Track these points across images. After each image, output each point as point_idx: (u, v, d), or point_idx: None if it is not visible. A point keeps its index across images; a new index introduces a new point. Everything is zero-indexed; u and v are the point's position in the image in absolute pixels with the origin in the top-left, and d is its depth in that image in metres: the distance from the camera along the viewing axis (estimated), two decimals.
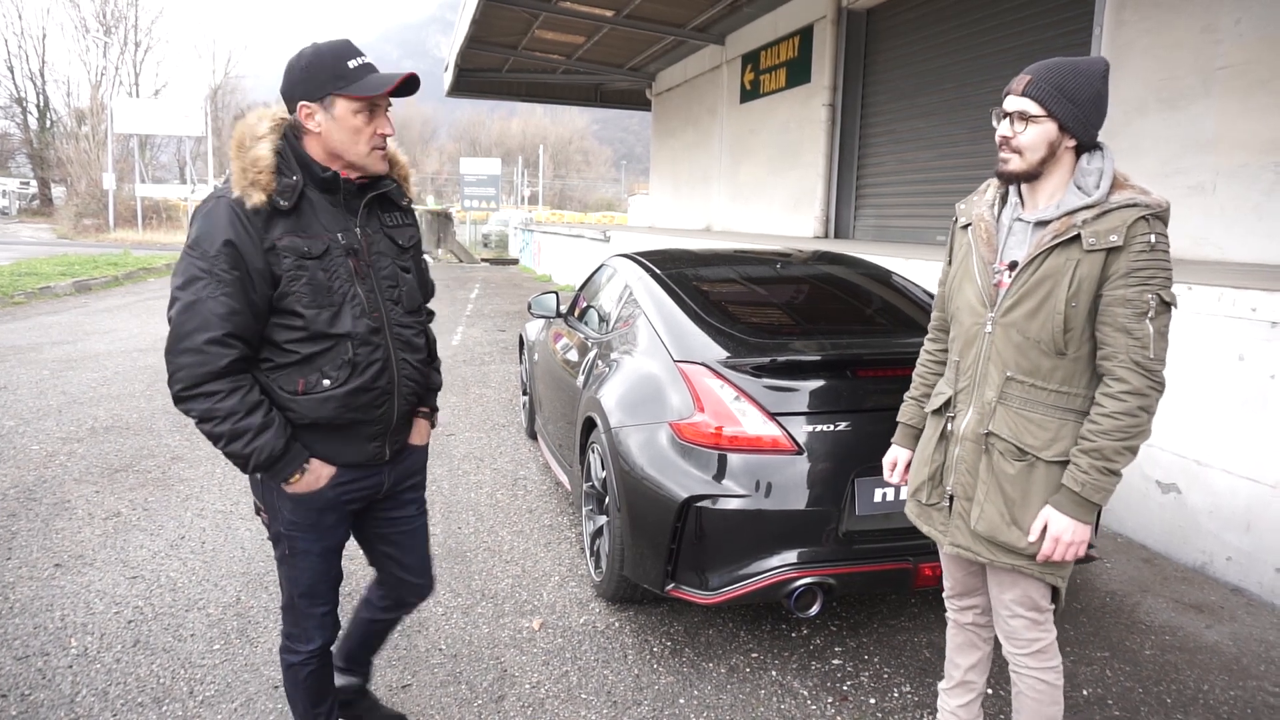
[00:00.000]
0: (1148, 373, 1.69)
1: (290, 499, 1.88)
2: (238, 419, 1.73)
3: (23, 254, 20.71)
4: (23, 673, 2.71)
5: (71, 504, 4.23)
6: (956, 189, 9.43)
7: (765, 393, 2.80)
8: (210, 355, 1.69)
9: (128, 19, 44.76)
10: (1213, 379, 3.69)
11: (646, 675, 2.81)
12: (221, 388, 1.71)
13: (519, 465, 5.09)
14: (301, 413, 1.82)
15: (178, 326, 1.70)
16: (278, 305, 1.76)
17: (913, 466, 2.14)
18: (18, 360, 7.80)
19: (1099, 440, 1.71)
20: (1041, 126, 1.76)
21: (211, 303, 1.68)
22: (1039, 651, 1.94)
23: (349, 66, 1.75)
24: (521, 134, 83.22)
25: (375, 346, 1.86)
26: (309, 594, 1.98)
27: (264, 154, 1.73)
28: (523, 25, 15.62)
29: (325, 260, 1.79)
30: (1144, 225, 1.68)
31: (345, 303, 1.81)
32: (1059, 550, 1.78)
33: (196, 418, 1.74)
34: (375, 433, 1.94)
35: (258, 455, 1.76)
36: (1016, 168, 1.81)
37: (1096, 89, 1.75)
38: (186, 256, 1.71)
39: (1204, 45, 6.13)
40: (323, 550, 1.97)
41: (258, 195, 1.72)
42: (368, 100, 1.77)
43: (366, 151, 1.82)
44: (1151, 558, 3.90)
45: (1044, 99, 1.75)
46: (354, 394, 1.84)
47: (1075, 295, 1.73)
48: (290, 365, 1.80)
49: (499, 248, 30.58)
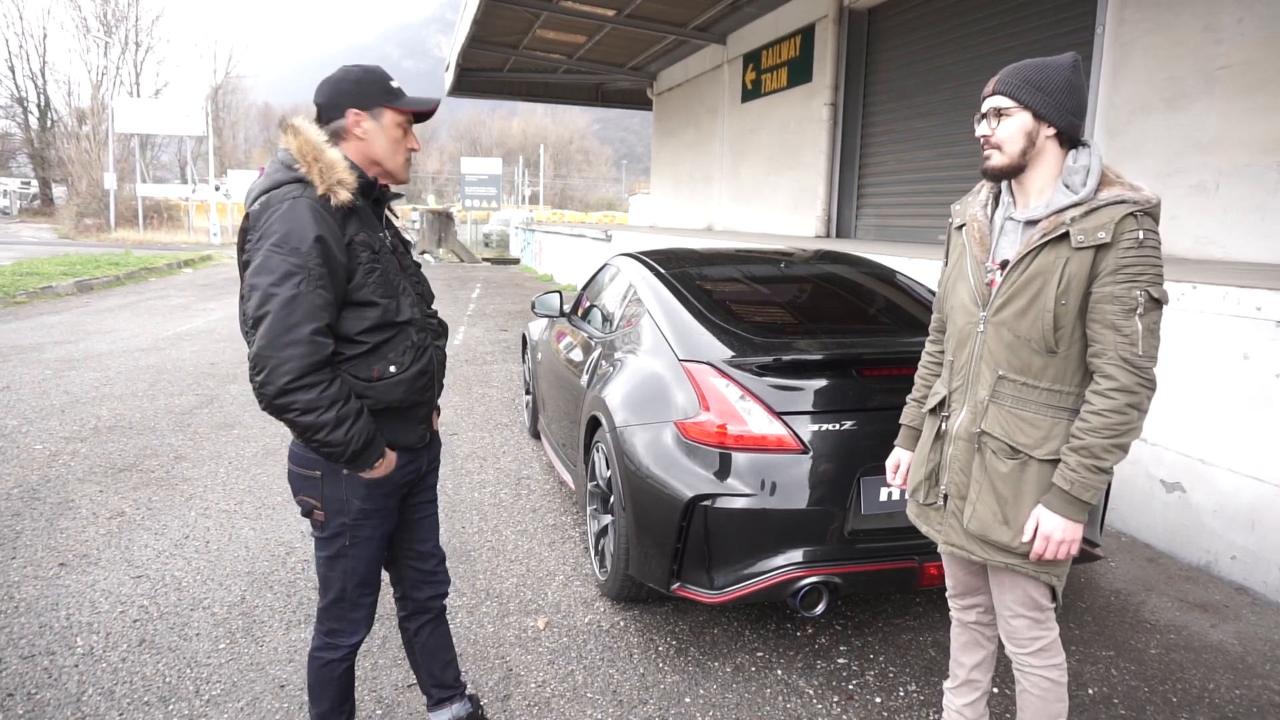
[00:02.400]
0: (1136, 370, 1.68)
1: (364, 487, 1.96)
2: (341, 406, 1.80)
3: (24, 254, 20.73)
4: (29, 672, 2.72)
5: (76, 503, 4.23)
6: (958, 188, 9.41)
7: (770, 392, 2.80)
8: (317, 345, 1.76)
9: (129, 19, 44.85)
10: (1217, 378, 3.69)
11: (652, 674, 2.82)
12: (325, 377, 1.79)
13: (522, 464, 5.10)
14: (376, 398, 1.92)
15: (280, 320, 1.73)
16: (352, 298, 1.86)
17: (911, 467, 2.15)
18: (20, 360, 7.81)
19: (1088, 438, 1.71)
20: (1015, 118, 1.80)
21: (311, 295, 1.75)
22: (1041, 650, 1.94)
23: (392, 85, 1.94)
24: (522, 134, 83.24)
25: (425, 333, 2.02)
26: (364, 582, 2.05)
27: (339, 157, 1.85)
28: (524, 25, 15.62)
29: (383, 255, 1.94)
30: (1132, 222, 1.68)
31: (401, 293, 1.96)
32: (1050, 549, 1.78)
33: (300, 409, 1.76)
34: (424, 415, 2.08)
35: (356, 440, 1.83)
36: (999, 162, 1.84)
37: (1066, 77, 1.78)
38: (275, 253, 1.75)
39: (1205, 44, 6.13)
40: (381, 536, 2.06)
41: (344, 193, 1.82)
42: (410, 114, 1.95)
43: (402, 161, 1.99)
44: (1156, 557, 3.90)
45: (1012, 91, 1.80)
46: (417, 377, 1.98)
47: (1065, 293, 1.73)
48: (361, 355, 1.89)
49: (500, 247, 30.57)
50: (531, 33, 16.04)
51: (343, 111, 1.89)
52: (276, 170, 1.86)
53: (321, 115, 1.91)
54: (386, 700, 2.63)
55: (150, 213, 34.13)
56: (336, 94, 1.90)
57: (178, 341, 9.13)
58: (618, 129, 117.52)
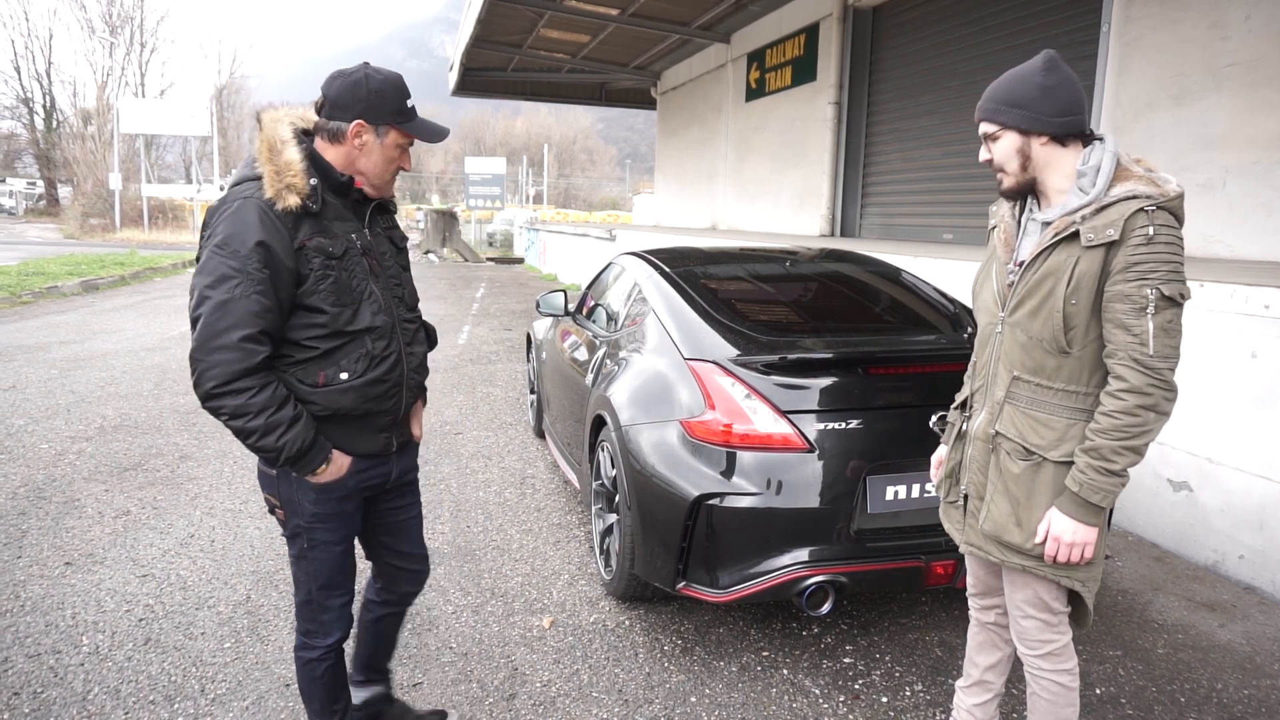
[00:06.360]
0: (1148, 370, 1.65)
1: (314, 491, 1.94)
2: (270, 413, 1.77)
3: (30, 254, 20.80)
4: (35, 670, 2.72)
5: (81, 502, 4.24)
6: (962, 187, 9.40)
7: (776, 390, 2.79)
8: (245, 352, 1.73)
9: (134, 19, 44.85)
10: (1225, 376, 3.67)
11: (658, 674, 2.81)
12: (254, 384, 1.75)
13: (527, 464, 5.09)
14: (322, 404, 1.88)
15: (210, 324, 1.71)
16: (301, 303, 1.82)
17: (938, 467, 2.16)
18: (26, 359, 7.83)
19: (1097, 439, 1.70)
20: (1004, 139, 1.81)
21: (245, 301, 1.72)
22: (1052, 654, 1.92)
23: (407, 105, 1.90)
24: (526, 133, 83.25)
25: (389, 341, 1.96)
26: (328, 585, 2.03)
27: (295, 158, 1.80)
28: (528, 24, 15.62)
29: (345, 260, 1.87)
30: (1142, 218, 1.65)
31: (364, 300, 1.90)
32: (1061, 551, 1.76)
33: (228, 415, 1.75)
34: (386, 423, 2.02)
35: (290, 447, 1.80)
36: (1008, 185, 1.86)
37: (1037, 83, 1.76)
38: (215, 255, 1.73)
39: (1212, 41, 6.10)
40: (341, 540, 2.02)
41: (292, 198, 1.78)
42: (413, 140, 1.93)
43: (388, 180, 1.97)
44: (1163, 556, 3.88)
45: (991, 115, 1.82)
46: (370, 385, 1.92)
47: (1074, 292, 1.71)
48: (309, 360, 1.86)
49: (504, 247, 30.56)
50: (535, 32, 16.04)
51: (349, 117, 1.84)
52: (244, 167, 1.86)
53: (324, 108, 1.86)
54: None
55: (155, 213, 34.18)
56: (350, 98, 1.84)
57: (183, 341, 9.14)
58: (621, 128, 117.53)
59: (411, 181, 70.83)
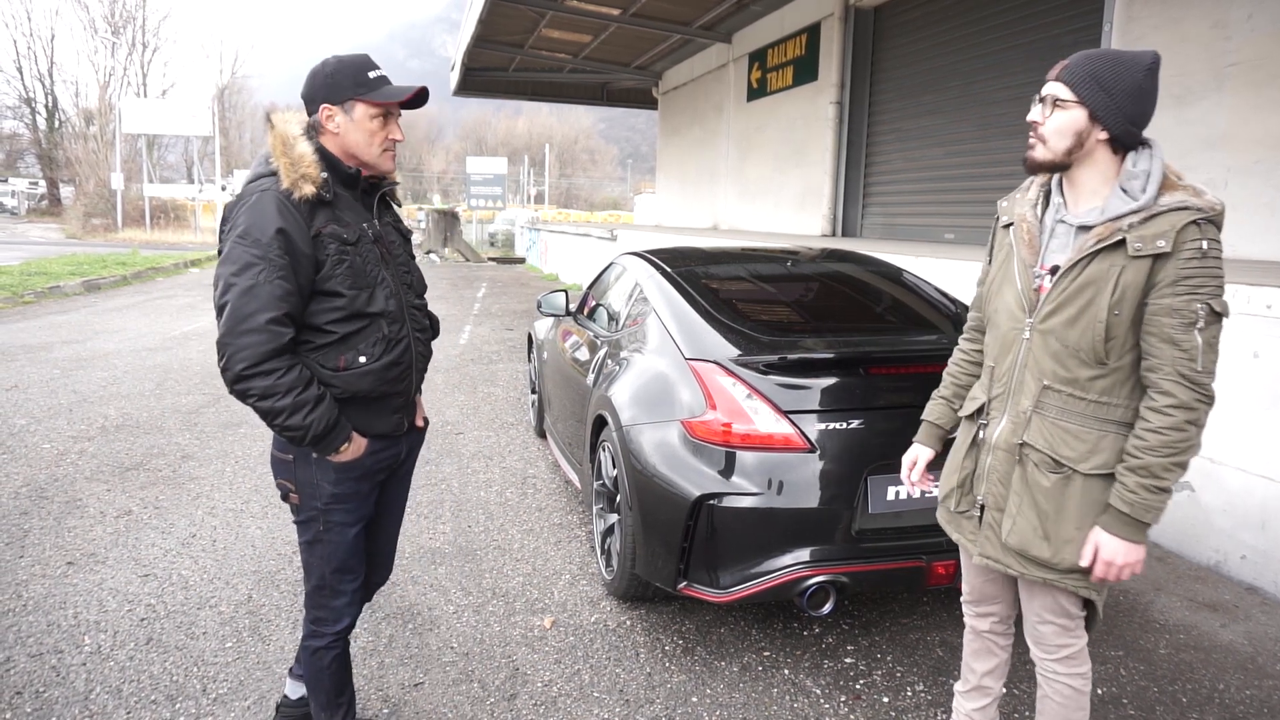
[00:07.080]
0: (1195, 385, 1.59)
1: (334, 471, 2.01)
2: (298, 393, 1.84)
3: (32, 253, 20.83)
4: (37, 670, 2.72)
5: (83, 502, 4.24)
6: (964, 187, 9.40)
7: (777, 390, 2.79)
8: (272, 334, 1.80)
9: (136, 20, 44.94)
10: (1227, 376, 3.66)
11: (659, 674, 2.81)
12: (281, 365, 1.83)
13: (528, 463, 5.09)
14: (342, 387, 1.96)
15: (237, 309, 1.79)
16: (320, 288, 1.90)
17: (944, 472, 2.06)
18: (28, 359, 7.84)
19: (1146, 457, 1.62)
20: (1069, 113, 1.68)
21: (269, 286, 1.80)
22: (1068, 658, 1.89)
23: (369, 76, 1.94)
24: (527, 133, 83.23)
25: (401, 324, 2.04)
26: (342, 568, 2.09)
27: (308, 151, 1.89)
28: (529, 24, 15.64)
29: (359, 246, 1.96)
30: (1195, 230, 1.58)
31: (377, 285, 1.98)
32: (1113, 573, 1.70)
33: (258, 395, 1.82)
34: (399, 404, 2.11)
35: (316, 425, 1.87)
36: (1040, 155, 1.73)
37: (1136, 80, 1.65)
38: (238, 245, 1.82)
39: (1215, 41, 6.10)
40: (356, 521, 2.09)
41: (308, 187, 1.86)
42: (384, 106, 1.95)
43: (379, 152, 1.99)
44: (1165, 556, 3.88)
45: (1075, 84, 1.67)
46: (388, 368, 2.01)
47: (1119, 303, 1.63)
48: (329, 345, 1.94)
49: (505, 247, 30.58)
50: (537, 32, 16.06)
51: (317, 106, 1.93)
52: (257, 164, 1.94)
53: (307, 109, 1.96)
54: (394, 699, 2.63)
55: (157, 213, 34.25)
56: (311, 88, 1.94)
57: (185, 341, 9.15)
58: (623, 128, 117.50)
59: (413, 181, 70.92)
